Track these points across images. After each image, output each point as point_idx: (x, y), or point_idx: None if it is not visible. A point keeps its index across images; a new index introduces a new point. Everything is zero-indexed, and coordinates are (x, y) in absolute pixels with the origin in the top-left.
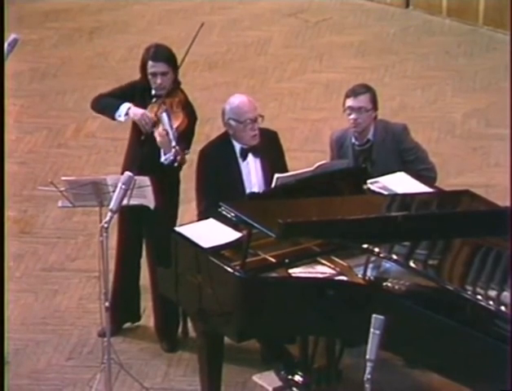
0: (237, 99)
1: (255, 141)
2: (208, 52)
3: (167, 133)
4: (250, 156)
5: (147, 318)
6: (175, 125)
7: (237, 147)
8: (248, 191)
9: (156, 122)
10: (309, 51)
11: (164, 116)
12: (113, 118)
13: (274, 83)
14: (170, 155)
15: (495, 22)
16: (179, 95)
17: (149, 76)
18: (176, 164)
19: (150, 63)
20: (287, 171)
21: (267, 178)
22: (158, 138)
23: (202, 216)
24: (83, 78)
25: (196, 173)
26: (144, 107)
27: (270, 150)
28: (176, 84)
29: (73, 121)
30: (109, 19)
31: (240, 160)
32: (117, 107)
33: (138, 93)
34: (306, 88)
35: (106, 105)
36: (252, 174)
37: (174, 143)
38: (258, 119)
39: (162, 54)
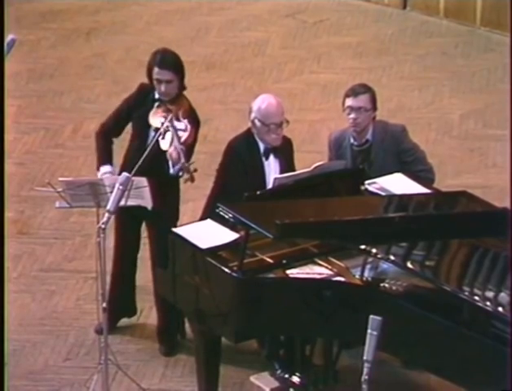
0: (266, 101)
1: (276, 143)
2: (205, 53)
3: (175, 148)
4: (271, 156)
5: (145, 319)
6: (183, 138)
7: (261, 145)
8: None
9: (162, 131)
10: (307, 52)
11: (172, 130)
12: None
13: (271, 84)
14: (178, 168)
15: (492, 23)
16: (184, 103)
17: (154, 82)
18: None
19: (156, 69)
20: None
21: None
22: (170, 155)
23: (210, 202)
24: (80, 79)
25: (220, 163)
26: (147, 111)
27: (286, 154)
28: (181, 90)
29: (71, 122)
30: (107, 19)
31: (263, 158)
32: (99, 165)
33: (139, 101)
34: (303, 89)
35: (98, 154)
36: (271, 174)
37: (183, 160)
38: (283, 123)
39: (168, 61)
